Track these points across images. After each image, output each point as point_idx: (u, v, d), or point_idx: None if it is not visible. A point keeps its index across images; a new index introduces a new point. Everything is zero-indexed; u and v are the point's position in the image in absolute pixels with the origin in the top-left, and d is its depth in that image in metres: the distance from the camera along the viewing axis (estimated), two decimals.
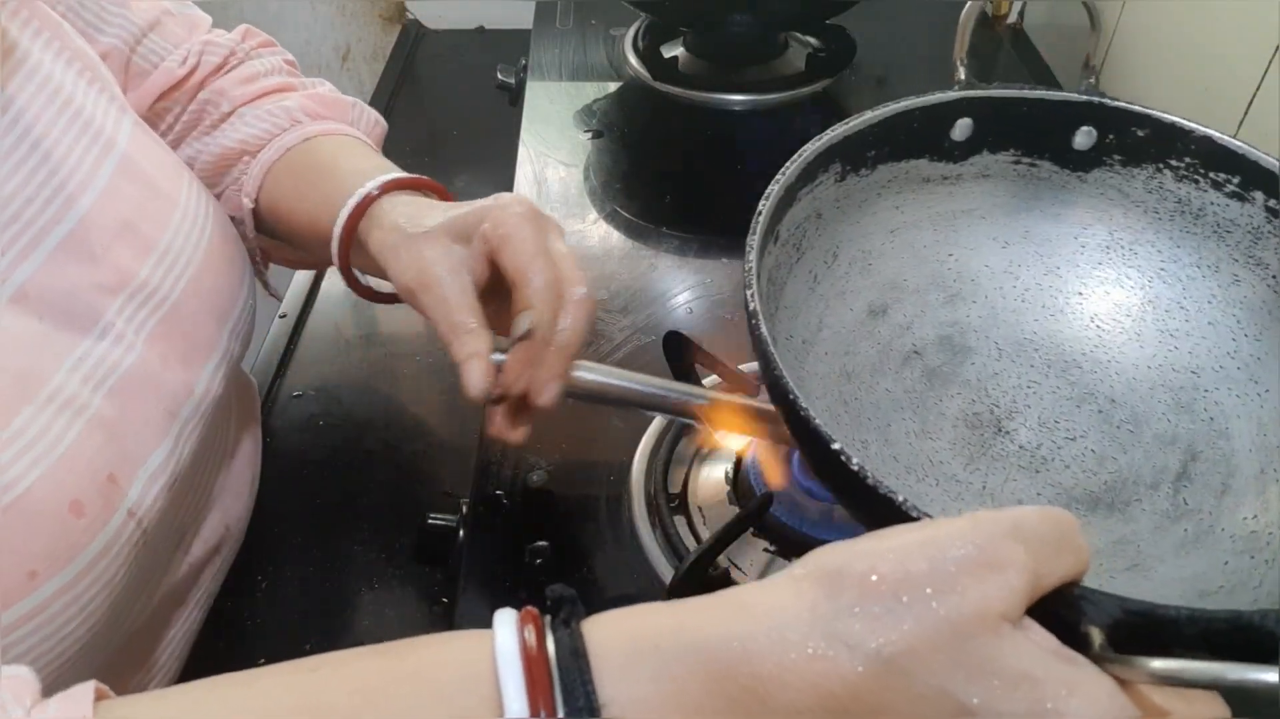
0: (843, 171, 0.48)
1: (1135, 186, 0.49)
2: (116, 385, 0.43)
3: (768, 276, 0.43)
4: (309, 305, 0.82)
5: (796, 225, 0.46)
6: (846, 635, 0.26)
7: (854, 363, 0.48)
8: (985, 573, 0.26)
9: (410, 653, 0.29)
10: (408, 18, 1.24)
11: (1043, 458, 0.46)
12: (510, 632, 0.28)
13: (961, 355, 0.50)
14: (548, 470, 0.59)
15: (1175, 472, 0.44)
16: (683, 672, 0.27)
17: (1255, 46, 0.68)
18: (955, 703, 0.26)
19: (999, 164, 0.51)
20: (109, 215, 0.45)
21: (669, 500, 0.55)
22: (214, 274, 0.50)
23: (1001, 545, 0.27)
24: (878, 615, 0.26)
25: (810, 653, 0.26)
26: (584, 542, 0.55)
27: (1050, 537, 0.28)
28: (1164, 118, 0.47)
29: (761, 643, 0.27)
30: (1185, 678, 0.27)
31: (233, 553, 0.59)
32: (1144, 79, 0.86)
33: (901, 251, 0.51)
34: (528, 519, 0.56)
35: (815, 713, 0.26)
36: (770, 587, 0.29)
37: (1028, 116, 0.49)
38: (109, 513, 0.41)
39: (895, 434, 0.47)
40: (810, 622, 0.27)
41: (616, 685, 0.27)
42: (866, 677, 0.26)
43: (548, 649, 0.28)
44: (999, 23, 1.09)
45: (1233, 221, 0.47)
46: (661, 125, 0.92)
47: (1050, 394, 0.48)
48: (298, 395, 0.74)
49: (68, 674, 0.41)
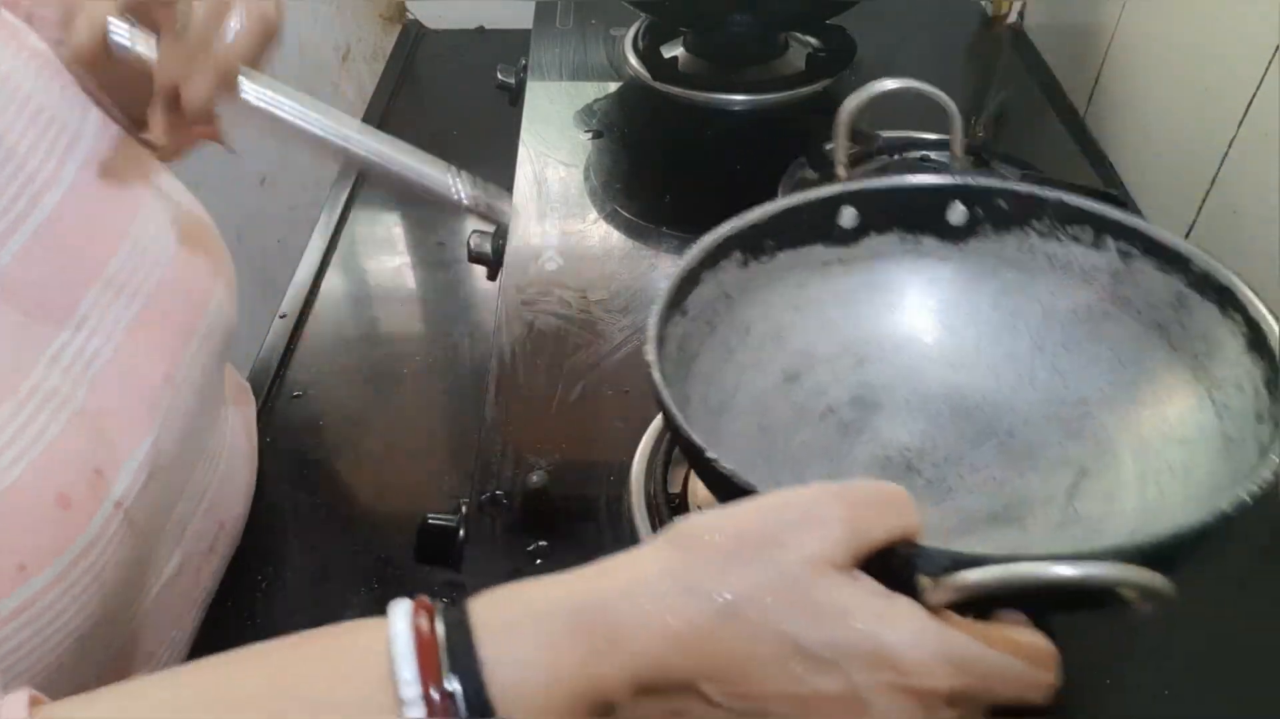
0: (744, 259, 0.53)
1: (1008, 249, 0.55)
2: (97, 378, 0.44)
3: (678, 344, 0.49)
4: (309, 305, 0.82)
5: (706, 304, 0.51)
6: (692, 586, 0.31)
7: (770, 420, 0.53)
8: (808, 526, 0.31)
9: (318, 640, 0.33)
10: (408, 18, 1.24)
11: (948, 488, 0.50)
12: (403, 614, 0.32)
13: (872, 410, 0.54)
14: (548, 470, 0.59)
15: (1067, 487, 0.48)
16: (555, 628, 0.31)
17: (1255, 46, 0.68)
18: (787, 638, 0.30)
19: (887, 243, 0.56)
20: (76, 210, 0.45)
21: (669, 500, 0.55)
22: (187, 264, 0.50)
23: (823, 505, 0.32)
24: (719, 568, 0.31)
25: (662, 602, 0.31)
26: (584, 542, 0.55)
27: (872, 499, 0.33)
28: (1020, 189, 0.54)
29: (621, 596, 0.31)
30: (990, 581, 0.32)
31: (230, 551, 0.59)
32: (1144, 79, 0.86)
33: (810, 323, 0.55)
34: (528, 519, 0.56)
35: (668, 655, 0.30)
36: (634, 552, 0.33)
37: (903, 201, 0.55)
38: (95, 504, 0.41)
39: (809, 477, 0.50)
40: (661, 576, 0.31)
41: (498, 647, 0.30)
42: (710, 619, 0.30)
43: (436, 627, 0.31)
44: (999, 23, 1.09)
45: (1095, 267, 0.52)
46: (661, 125, 0.92)
47: (955, 435, 0.53)
48: (298, 395, 0.74)
49: (65, 671, 0.41)
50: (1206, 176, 0.74)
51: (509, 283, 0.73)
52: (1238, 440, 0.43)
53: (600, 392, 0.64)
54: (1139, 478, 0.47)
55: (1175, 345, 0.49)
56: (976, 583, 0.32)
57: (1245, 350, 0.45)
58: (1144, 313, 0.51)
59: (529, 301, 0.71)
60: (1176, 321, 0.49)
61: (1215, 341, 0.47)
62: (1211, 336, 0.47)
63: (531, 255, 0.75)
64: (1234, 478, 0.41)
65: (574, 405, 0.63)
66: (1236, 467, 0.42)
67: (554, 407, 0.63)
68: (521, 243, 0.77)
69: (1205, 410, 0.46)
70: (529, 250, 0.76)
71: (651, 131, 0.91)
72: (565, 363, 0.66)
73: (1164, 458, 0.47)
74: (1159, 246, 0.49)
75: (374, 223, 0.93)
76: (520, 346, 0.67)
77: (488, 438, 0.61)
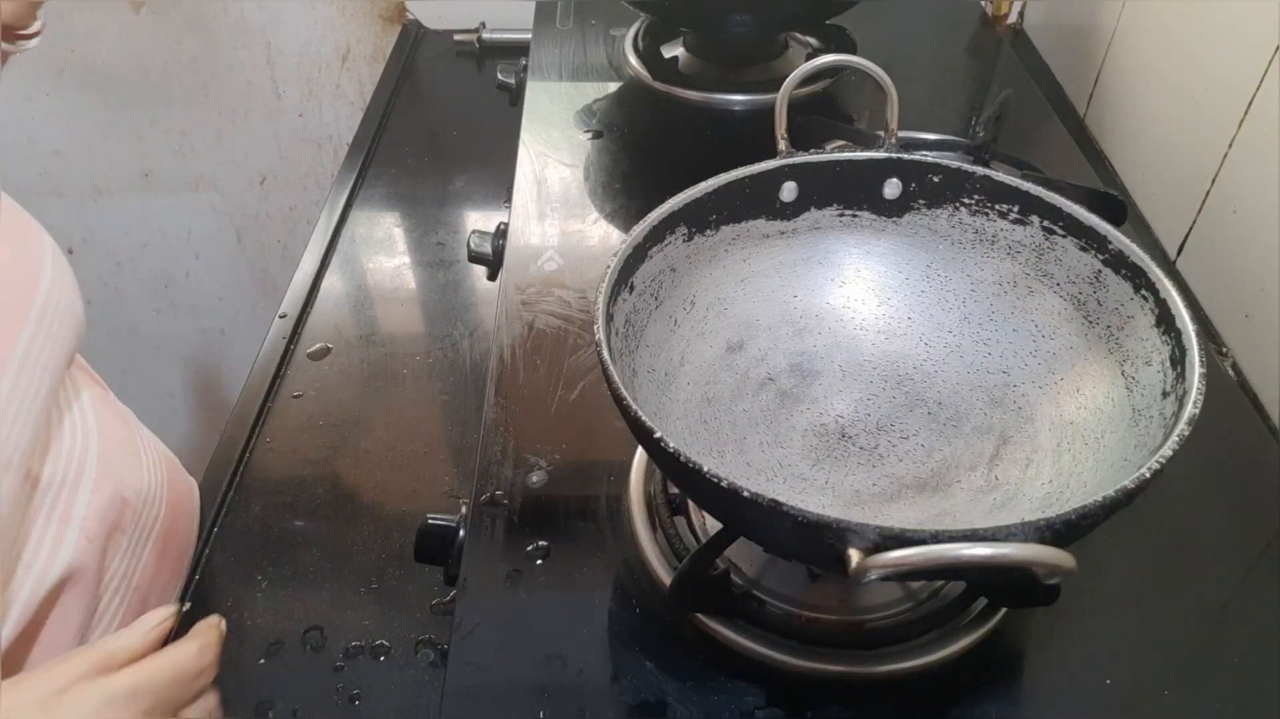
0: (689, 233, 0.55)
1: (940, 223, 0.58)
2: None
3: (625, 319, 0.51)
4: (309, 305, 0.82)
5: (652, 278, 0.53)
6: None
7: (714, 390, 0.55)
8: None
9: None
10: (408, 18, 1.24)
11: (880, 454, 0.53)
12: None
13: (810, 378, 0.57)
14: (548, 470, 0.59)
15: (990, 455, 0.52)
16: None
17: (1255, 47, 0.68)
18: None
19: (826, 217, 0.59)
20: None
21: (669, 500, 0.55)
22: None
23: None
24: None
25: None
26: (584, 542, 0.55)
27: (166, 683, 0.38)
28: (951, 164, 0.56)
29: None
30: (912, 559, 0.35)
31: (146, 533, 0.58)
32: (1143, 79, 0.86)
33: (752, 296, 0.58)
34: (528, 519, 0.56)
35: None
36: None
37: (841, 175, 0.58)
38: None
39: (750, 445, 0.53)
40: None
41: None
42: None
43: None
44: (999, 23, 1.09)
45: (1020, 243, 0.55)
46: (661, 125, 0.92)
47: (887, 403, 0.56)
48: (298, 395, 0.74)
49: None
50: (1206, 176, 0.74)
51: (509, 283, 0.73)
52: (1144, 412, 0.46)
53: (600, 391, 0.63)
54: (1055, 446, 0.50)
55: (1092, 320, 0.52)
56: (898, 560, 0.35)
57: (1154, 326, 0.48)
58: (1064, 288, 0.54)
59: (529, 302, 0.71)
60: (1094, 298, 0.52)
61: (1128, 317, 0.50)
62: (1124, 313, 0.50)
63: (531, 255, 0.75)
64: (1139, 447, 0.45)
65: (574, 405, 0.63)
66: (1141, 437, 0.45)
67: (554, 407, 0.63)
68: (521, 243, 0.77)
69: (1116, 383, 0.49)
70: (529, 250, 0.76)
71: (651, 131, 0.91)
72: (565, 363, 0.66)
73: (1077, 427, 0.50)
74: (1080, 226, 0.52)
75: (374, 223, 0.93)
76: (520, 346, 0.67)
77: (488, 438, 0.61)
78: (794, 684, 0.48)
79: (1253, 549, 0.55)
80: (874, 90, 0.97)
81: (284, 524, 0.64)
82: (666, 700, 0.47)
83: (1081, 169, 0.84)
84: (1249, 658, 0.50)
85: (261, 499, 0.66)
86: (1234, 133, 0.71)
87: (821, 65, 0.58)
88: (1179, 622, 0.51)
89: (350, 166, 0.99)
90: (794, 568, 0.52)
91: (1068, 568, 0.35)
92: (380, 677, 0.55)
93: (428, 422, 0.73)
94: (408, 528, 0.61)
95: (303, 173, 1.39)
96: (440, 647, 0.56)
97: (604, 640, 0.50)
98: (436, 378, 0.76)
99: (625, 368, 0.48)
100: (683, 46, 1.01)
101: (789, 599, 0.51)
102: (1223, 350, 0.71)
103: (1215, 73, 0.74)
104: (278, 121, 1.33)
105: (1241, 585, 0.53)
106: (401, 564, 0.61)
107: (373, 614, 0.59)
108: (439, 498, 0.66)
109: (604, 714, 0.47)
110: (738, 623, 0.50)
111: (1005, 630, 0.51)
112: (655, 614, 0.51)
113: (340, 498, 0.66)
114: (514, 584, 0.53)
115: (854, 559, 0.36)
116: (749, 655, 0.49)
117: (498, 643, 0.50)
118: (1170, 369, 0.45)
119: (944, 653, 0.49)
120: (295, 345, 0.78)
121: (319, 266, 0.86)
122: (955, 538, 0.35)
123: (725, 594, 0.50)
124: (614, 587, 0.53)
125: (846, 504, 0.50)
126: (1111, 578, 0.53)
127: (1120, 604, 0.52)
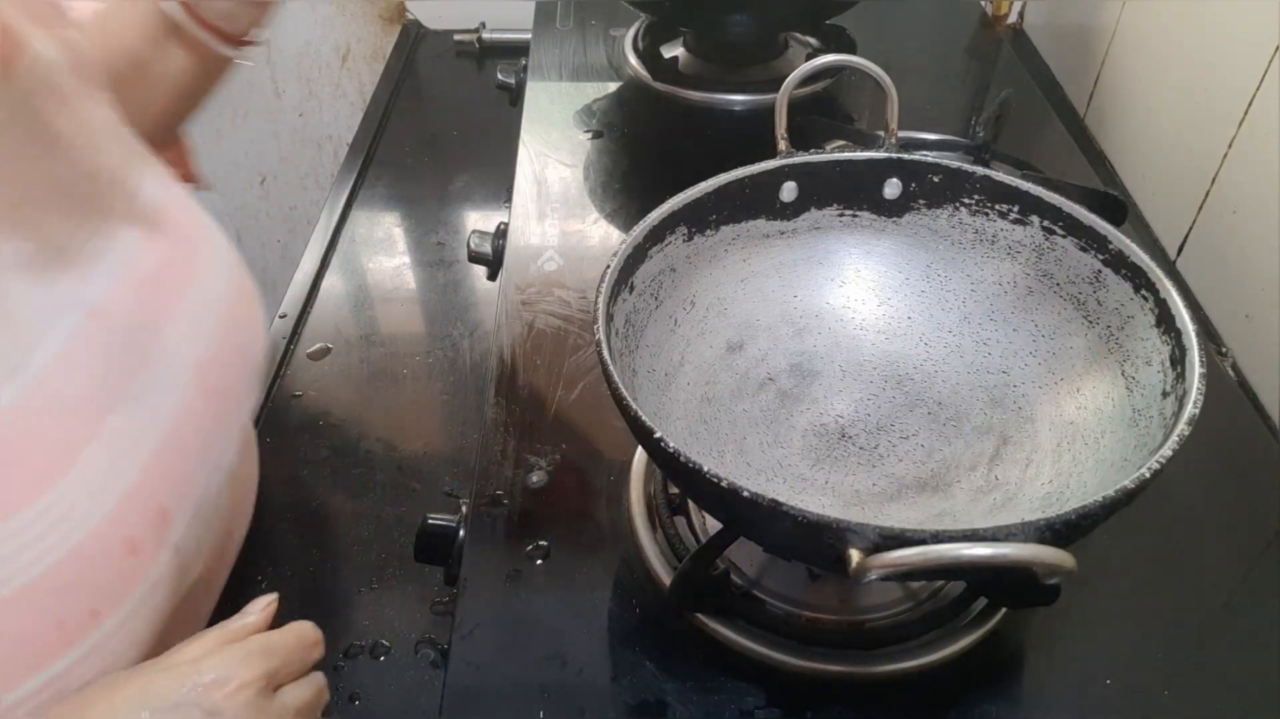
0: (689, 233, 0.55)
1: (940, 223, 0.57)
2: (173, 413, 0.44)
3: (625, 319, 0.50)
4: (309, 305, 0.82)
5: (652, 278, 0.53)
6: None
7: (714, 391, 0.55)
8: None
9: None
10: (408, 18, 1.24)
11: (879, 454, 0.53)
12: None
13: (810, 379, 0.57)
14: (548, 470, 0.59)
15: (990, 455, 0.52)
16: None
17: (1255, 47, 0.68)
18: None
19: (826, 217, 0.59)
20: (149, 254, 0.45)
21: (669, 500, 0.55)
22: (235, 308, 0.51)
23: None
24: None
25: None
26: (584, 542, 0.55)
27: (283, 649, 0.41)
28: (951, 165, 0.56)
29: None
30: (911, 559, 0.35)
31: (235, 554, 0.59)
32: (1144, 80, 0.86)
33: (752, 296, 0.58)
34: (528, 519, 0.56)
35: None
36: None
37: (841, 175, 0.57)
38: (159, 550, 0.42)
39: (750, 446, 0.53)
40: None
41: None
42: None
43: None
44: (999, 23, 1.09)
45: (1020, 243, 0.55)
46: (661, 125, 0.92)
47: (887, 403, 0.56)
48: (298, 395, 0.74)
49: None
50: (1206, 176, 0.74)
51: (509, 283, 0.73)
52: (1144, 412, 0.46)
53: (600, 391, 0.63)
54: (1055, 446, 0.50)
55: (1092, 320, 0.52)
56: (898, 560, 0.35)
57: (1154, 327, 0.48)
58: (1064, 288, 0.54)
59: (529, 302, 0.71)
60: (1094, 298, 0.52)
61: (1128, 317, 0.50)
62: (1124, 313, 0.50)
63: (531, 255, 0.75)
64: (1139, 447, 0.45)
65: (574, 405, 0.63)
66: (1141, 437, 0.45)
67: (554, 407, 0.63)
68: (521, 243, 0.77)
69: (1116, 383, 0.49)
70: (529, 250, 0.76)
71: (651, 131, 0.91)
72: (565, 363, 0.66)
73: (1077, 427, 0.50)
74: (1080, 226, 0.52)
75: (374, 223, 0.93)
76: (520, 346, 0.67)
77: (488, 438, 0.61)
78: (794, 684, 0.48)
79: (1253, 549, 0.55)
80: (874, 90, 0.97)
81: (284, 524, 0.64)
82: (666, 700, 0.47)
83: (1081, 169, 0.84)
84: (1249, 658, 0.50)
85: (262, 499, 0.66)
86: (1234, 133, 0.71)
87: (821, 65, 0.58)
88: (1179, 622, 0.51)
89: (350, 166, 0.99)
90: (794, 568, 0.52)
91: (1068, 568, 0.35)
92: (380, 677, 0.55)
93: (428, 421, 0.73)
94: (408, 528, 0.61)
95: (303, 173, 1.39)
96: (440, 647, 0.56)
97: (604, 640, 0.50)
98: (436, 378, 0.76)
99: (625, 368, 0.48)
100: (683, 46, 1.01)
101: (789, 599, 0.51)
102: (1223, 350, 0.71)
103: (1215, 73, 0.74)
104: (278, 121, 1.33)
105: (1242, 585, 0.53)
106: (401, 564, 0.61)
107: (373, 614, 0.59)
108: (439, 498, 0.66)
109: (604, 714, 0.47)
110: (738, 623, 0.50)
111: (1005, 630, 0.51)
112: (655, 614, 0.51)
113: (340, 498, 0.66)
114: (514, 584, 0.53)
115: (854, 559, 0.36)
116: (749, 655, 0.49)
117: (498, 643, 0.50)
118: (1170, 369, 0.45)
119: (944, 653, 0.49)
120: (295, 345, 0.78)
121: (319, 267, 0.86)
122: (955, 538, 0.35)
123: (725, 594, 0.50)
124: (614, 587, 0.53)
125: (846, 504, 0.50)
126: (1111, 578, 0.53)
127: (1120, 604, 0.52)
